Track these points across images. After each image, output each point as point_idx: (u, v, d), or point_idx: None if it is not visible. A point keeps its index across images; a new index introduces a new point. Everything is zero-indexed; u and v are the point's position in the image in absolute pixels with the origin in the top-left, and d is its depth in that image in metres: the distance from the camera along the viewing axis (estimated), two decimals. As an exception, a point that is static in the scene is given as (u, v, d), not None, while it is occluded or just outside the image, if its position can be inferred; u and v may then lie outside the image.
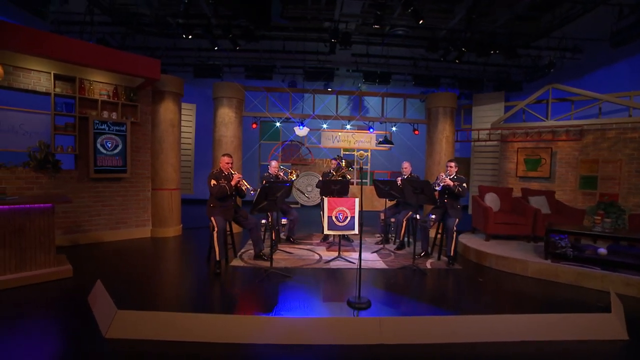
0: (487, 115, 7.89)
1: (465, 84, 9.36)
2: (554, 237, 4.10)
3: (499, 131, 7.37)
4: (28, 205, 3.46)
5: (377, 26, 6.23)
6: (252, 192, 4.25)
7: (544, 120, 6.76)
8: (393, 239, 5.63)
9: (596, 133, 6.20)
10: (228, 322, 2.53)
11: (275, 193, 3.89)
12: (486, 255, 4.54)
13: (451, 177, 4.56)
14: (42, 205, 3.53)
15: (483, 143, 7.92)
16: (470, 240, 5.12)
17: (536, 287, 3.81)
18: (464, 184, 4.49)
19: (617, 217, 5.09)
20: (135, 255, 4.70)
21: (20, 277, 3.36)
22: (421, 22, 5.58)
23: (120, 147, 5.15)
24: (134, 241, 5.35)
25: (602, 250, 3.96)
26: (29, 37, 4.07)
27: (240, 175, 4.24)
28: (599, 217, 4.06)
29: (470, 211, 7.06)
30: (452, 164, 4.61)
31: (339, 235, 4.76)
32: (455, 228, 4.43)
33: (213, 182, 4.06)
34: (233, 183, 4.13)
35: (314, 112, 7.67)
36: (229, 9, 5.26)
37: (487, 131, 7.64)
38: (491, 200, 5.43)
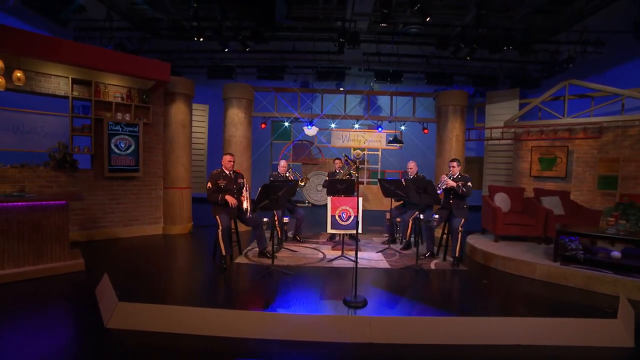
0: (501, 113, 7.66)
1: (480, 82, 9.13)
2: (564, 239, 3.95)
3: (513, 129, 7.14)
4: (44, 203, 3.68)
5: (385, 25, 6.19)
6: (248, 213, 4.37)
7: (560, 118, 6.49)
8: (400, 238, 5.58)
9: (617, 130, 5.90)
10: (221, 317, 2.61)
11: (277, 192, 3.95)
12: (492, 256, 4.43)
13: (454, 176, 4.47)
14: (57, 202, 3.75)
15: (496, 142, 7.71)
16: (478, 241, 5.00)
17: (543, 290, 3.68)
18: (469, 183, 4.38)
19: (638, 219, 4.83)
20: (145, 251, 4.89)
21: (36, 269, 3.58)
22: (428, 19, 5.50)
23: (133, 147, 5.37)
24: (146, 238, 5.56)
25: (616, 254, 3.77)
26: (48, 45, 4.33)
27: (246, 197, 4.32)
28: (613, 219, 3.88)
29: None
30: (454, 164, 4.50)
31: (346, 234, 4.77)
32: (460, 228, 4.35)
33: (209, 184, 4.17)
34: (232, 204, 4.20)
35: (321, 112, 7.69)
36: (233, 10, 5.37)
37: (501, 129, 7.42)
38: (501, 200, 5.28)
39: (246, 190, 4.46)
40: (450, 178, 4.45)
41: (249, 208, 4.37)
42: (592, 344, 2.51)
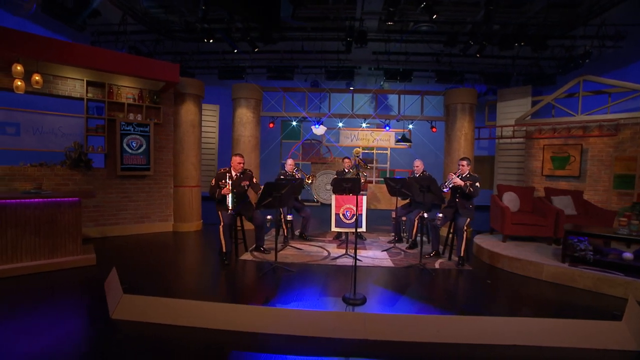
0: (513, 111, 7.48)
1: (493, 79, 8.92)
2: (573, 239, 3.84)
3: (524, 128, 6.97)
4: (59, 199, 3.87)
5: (392, 23, 6.15)
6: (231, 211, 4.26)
7: (574, 115, 6.29)
8: (406, 238, 5.55)
9: (635, 127, 5.66)
10: (221, 310, 2.69)
11: (280, 190, 4.00)
12: (498, 256, 4.35)
13: (463, 175, 4.41)
14: (70, 199, 3.93)
15: (508, 140, 7.54)
16: (485, 241, 4.92)
17: (549, 291, 3.60)
18: (477, 183, 4.31)
19: (655, 219, 4.63)
20: (155, 248, 5.05)
21: (51, 262, 3.77)
22: (435, 16, 5.43)
23: (144, 147, 5.55)
24: (156, 235, 5.73)
25: (628, 255, 3.64)
26: (64, 49, 4.54)
27: (229, 190, 4.19)
28: (625, 219, 3.74)
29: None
30: (464, 162, 4.44)
31: (351, 232, 4.78)
32: (466, 228, 4.29)
33: (213, 181, 4.29)
34: (221, 192, 4.19)
35: (329, 111, 7.72)
36: (238, 13, 5.45)
37: (512, 128, 7.25)
38: (510, 199, 5.18)
39: (248, 186, 4.43)
40: (459, 177, 4.40)
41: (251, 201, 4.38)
42: (595, 346, 2.45)
